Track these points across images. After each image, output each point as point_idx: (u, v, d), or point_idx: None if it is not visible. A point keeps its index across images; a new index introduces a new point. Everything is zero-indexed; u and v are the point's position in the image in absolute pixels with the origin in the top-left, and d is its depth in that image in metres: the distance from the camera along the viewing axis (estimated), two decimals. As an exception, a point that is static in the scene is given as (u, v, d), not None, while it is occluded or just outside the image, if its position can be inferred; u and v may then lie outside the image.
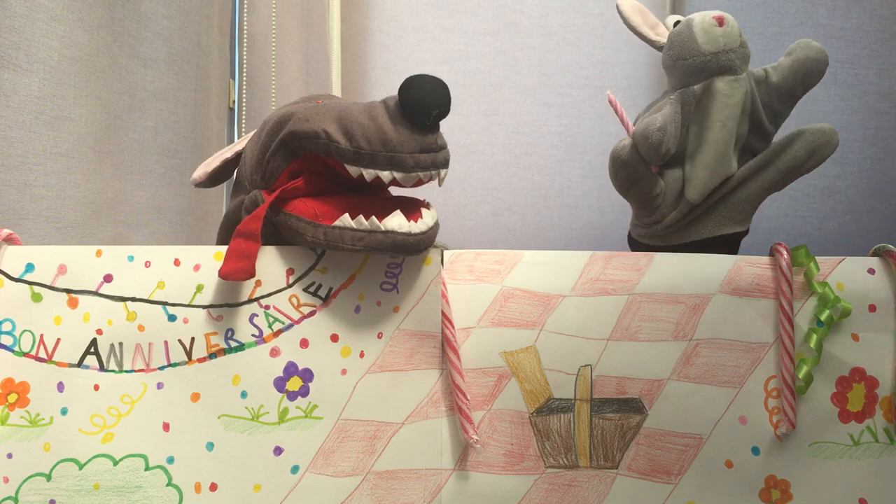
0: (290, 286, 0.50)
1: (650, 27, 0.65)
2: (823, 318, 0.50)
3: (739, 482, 0.50)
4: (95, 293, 0.49)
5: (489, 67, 1.25)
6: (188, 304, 0.49)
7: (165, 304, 0.49)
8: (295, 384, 0.49)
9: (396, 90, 0.47)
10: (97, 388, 0.48)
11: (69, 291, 0.49)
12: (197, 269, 0.50)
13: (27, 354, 0.48)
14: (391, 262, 0.50)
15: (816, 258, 0.51)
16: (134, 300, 0.49)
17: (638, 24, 0.65)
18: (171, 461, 0.48)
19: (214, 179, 0.59)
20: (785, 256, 0.51)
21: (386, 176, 0.47)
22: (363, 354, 0.50)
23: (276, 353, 0.49)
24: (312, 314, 0.50)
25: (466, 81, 1.24)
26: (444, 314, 0.50)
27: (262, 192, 0.50)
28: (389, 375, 0.50)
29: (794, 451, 0.51)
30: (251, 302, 0.50)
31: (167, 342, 0.49)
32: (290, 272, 0.50)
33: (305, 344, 0.50)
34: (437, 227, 0.49)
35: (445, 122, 0.48)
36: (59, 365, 0.48)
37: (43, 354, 0.48)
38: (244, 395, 0.49)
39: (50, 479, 0.48)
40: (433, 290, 0.50)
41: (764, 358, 0.51)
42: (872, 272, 0.52)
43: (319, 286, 0.50)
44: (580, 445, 0.50)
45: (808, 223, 1.21)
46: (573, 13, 1.25)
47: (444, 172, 0.49)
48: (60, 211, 0.65)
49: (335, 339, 0.50)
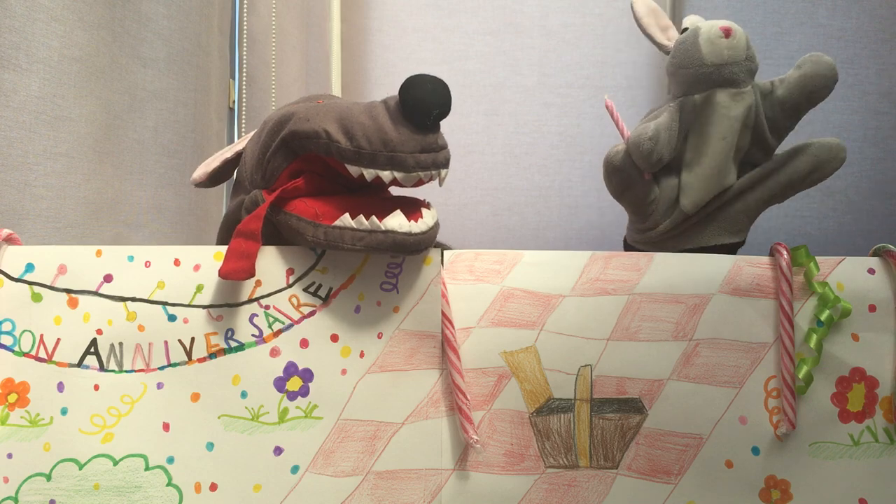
0: (290, 286, 0.50)
1: (661, 29, 0.64)
2: (823, 318, 0.50)
3: (739, 482, 0.50)
4: (95, 293, 0.49)
5: (489, 67, 1.25)
6: (188, 304, 0.49)
7: (165, 304, 0.49)
8: (295, 384, 0.49)
9: (396, 90, 0.47)
10: (97, 388, 0.48)
11: (69, 291, 0.49)
12: (197, 269, 0.50)
13: (27, 354, 0.48)
14: (391, 262, 0.50)
15: (816, 258, 0.51)
16: (134, 300, 0.49)
17: (649, 25, 0.63)
18: (171, 461, 0.48)
19: (214, 179, 0.59)
20: (785, 256, 0.51)
21: (386, 176, 0.47)
22: (363, 354, 0.50)
23: (276, 353, 0.49)
24: (312, 314, 0.50)
25: (466, 81, 1.24)
26: (444, 314, 0.50)
27: (262, 191, 0.50)
28: (389, 375, 0.50)
29: (794, 451, 0.51)
30: (251, 302, 0.50)
31: (167, 342, 0.49)
32: (290, 272, 0.50)
33: (305, 344, 0.50)
34: (437, 227, 0.49)
35: (445, 122, 0.48)
36: (59, 365, 0.48)
37: (43, 354, 0.48)
38: (244, 395, 0.49)
39: (50, 479, 0.48)
40: (433, 290, 0.50)
41: (764, 358, 0.51)
42: (872, 272, 0.52)
43: (319, 286, 0.50)
44: (580, 445, 0.50)
45: (808, 223, 1.22)
46: (573, 13, 1.25)
47: (444, 172, 0.49)
48: (60, 211, 0.65)
49: (335, 339, 0.50)
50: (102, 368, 0.49)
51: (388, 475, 0.49)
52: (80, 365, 0.48)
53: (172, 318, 0.49)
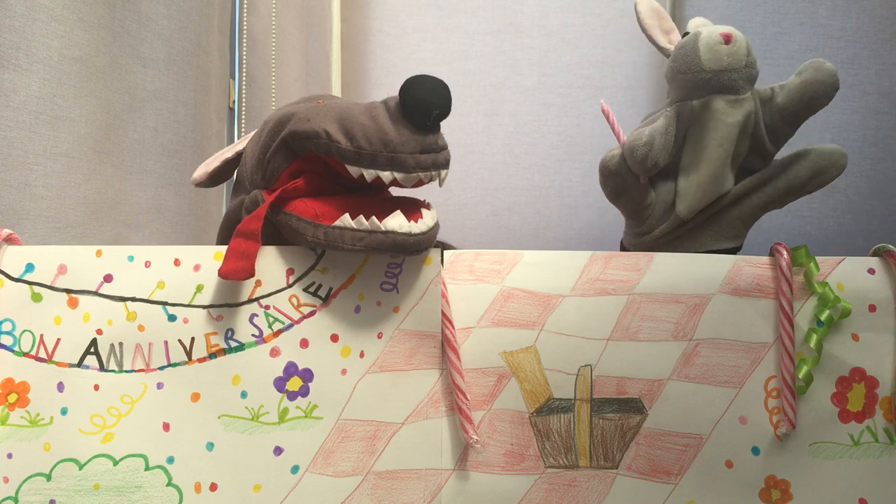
0: (290, 286, 0.50)
1: (664, 32, 0.63)
2: (823, 318, 0.50)
3: (739, 482, 0.50)
4: (95, 293, 0.49)
5: (489, 67, 1.25)
6: (188, 304, 0.49)
7: (165, 304, 0.49)
8: (295, 384, 0.49)
9: (396, 90, 0.47)
10: (97, 388, 0.48)
11: (69, 291, 0.49)
12: (197, 269, 0.50)
13: (27, 354, 0.48)
14: (391, 262, 0.50)
15: (816, 258, 0.51)
16: (134, 300, 0.49)
17: (652, 27, 0.62)
18: (171, 461, 0.48)
19: (215, 179, 0.59)
20: (785, 256, 0.51)
21: (386, 176, 0.47)
22: (363, 354, 0.50)
23: (276, 353, 0.49)
24: (312, 314, 0.50)
25: (466, 81, 1.24)
26: (444, 314, 0.50)
27: (262, 191, 0.50)
28: (389, 375, 0.50)
29: (794, 451, 0.51)
30: (251, 302, 0.50)
31: (167, 342, 0.49)
32: (290, 272, 0.50)
33: (305, 344, 0.50)
34: (437, 227, 0.49)
35: (445, 122, 0.48)
36: (59, 365, 0.48)
37: (43, 354, 0.48)
38: (244, 395, 0.49)
39: (50, 479, 0.48)
40: (433, 290, 0.50)
41: (764, 358, 0.51)
42: (872, 272, 0.52)
43: (319, 286, 0.50)
44: (580, 445, 0.50)
45: (808, 223, 1.22)
46: (573, 13, 1.25)
47: (444, 173, 0.49)
48: (60, 211, 0.65)
49: (335, 339, 0.50)
50: (102, 368, 0.49)
51: (388, 475, 0.49)
52: (80, 365, 0.48)
53: (172, 318, 0.49)
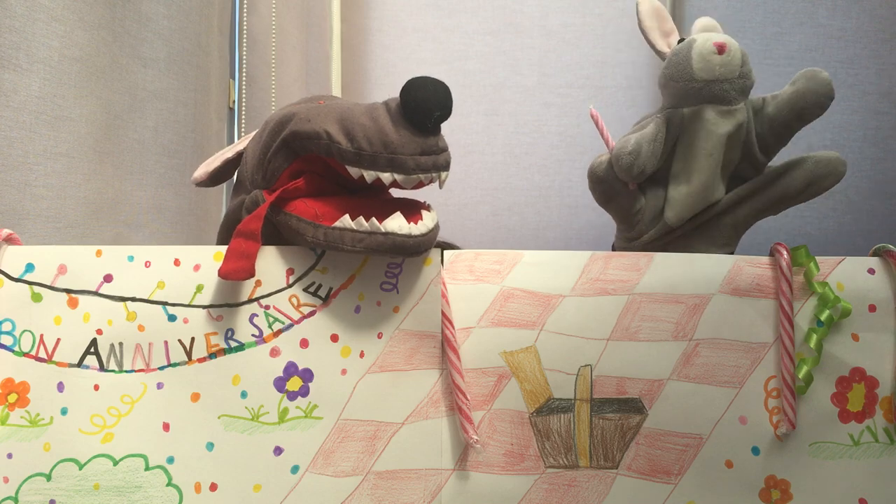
0: (290, 286, 0.50)
1: (664, 34, 0.61)
2: (823, 318, 0.50)
3: (739, 482, 0.50)
4: (95, 293, 0.49)
5: (489, 67, 1.25)
6: (188, 304, 0.49)
7: (165, 304, 0.49)
8: (295, 384, 0.49)
9: (397, 90, 0.47)
10: (97, 388, 0.48)
11: (69, 291, 0.49)
12: (197, 269, 0.50)
13: (27, 354, 0.48)
14: (391, 262, 0.50)
15: (816, 258, 0.51)
16: (134, 300, 0.49)
17: (651, 29, 0.61)
18: (171, 461, 0.48)
19: (215, 179, 0.59)
20: (785, 256, 0.51)
21: (386, 177, 0.47)
22: (363, 354, 0.50)
23: (276, 353, 0.49)
24: (312, 314, 0.50)
25: (466, 81, 1.24)
26: (444, 314, 0.50)
27: (262, 191, 0.50)
28: (389, 375, 0.50)
29: (794, 451, 0.51)
30: (251, 302, 0.50)
31: (167, 342, 0.49)
32: (290, 272, 0.50)
33: (305, 344, 0.50)
34: (437, 229, 0.49)
35: (445, 122, 0.48)
36: (59, 365, 0.48)
37: (43, 354, 0.48)
38: (244, 395, 0.49)
39: (50, 479, 0.48)
40: (433, 290, 0.50)
41: (764, 358, 0.51)
42: (872, 272, 0.52)
43: (319, 286, 0.50)
44: (580, 445, 0.50)
45: (808, 223, 1.22)
46: (573, 13, 1.25)
47: (444, 175, 0.49)
48: (60, 211, 0.65)
49: (335, 339, 0.50)
50: (102, 368, 0.49)
51: (388, 475, 0.49)
52: (80, 365, 0.48)
53: (172, 318, 0.49)
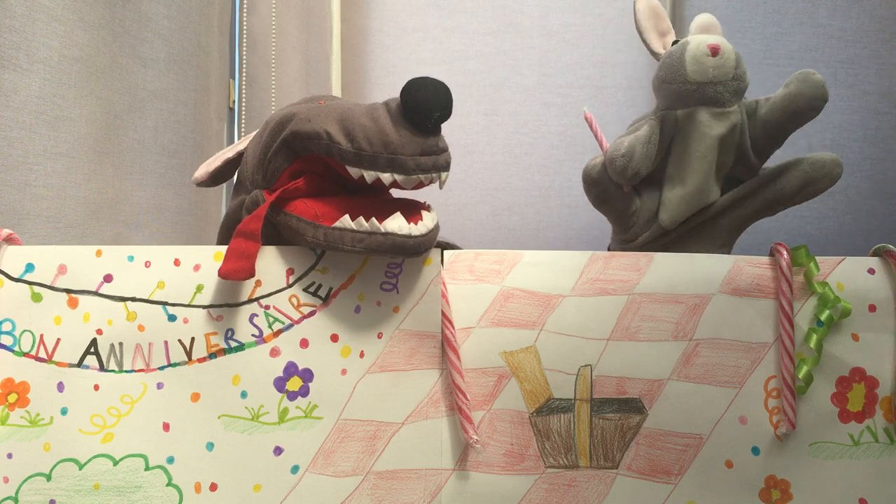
0: (290, 286, 0.50)
1: (659, 34, 0.61)
2: (823, 318, 0.50)
3: (739, 482, 0.50)
4: (95, 293, 0.49)
5: (489, 67, 1.25)
6: (188, 304, 0.49)
7: (165, 304, 0.49)
8: (295, 384, 0.49)
9: (397, 90, 0.47)
10: (97, 388, 0.48)
11: (69, 291, 0.49)
12: (197, 269, 0.50)
13: (27, 354, 0.48)
14: (391, 262, 0.50)
15: (816, 258, 0.51)
16: (134, 300, 0.49)
17: (647, 29, 0.61)
18: (171, 461, 0.48)
19: (216, 179, 0.59)
20: (785, 256, 0.51)
21: (387, 178, 0.47)
22: (363, 354, 0.50)
23: (276, 353, 0.49)
24: (312, 314, 0.50)
25: (466, 81, 1.24)
26: (444, 314, 0.50)
27: (263, 192, 0.50)
28: (389, 375, 0.50)
29: (794, 451, 0.51)
30: (251, 302, 0.50)
31: (167, 342, 0.49)
32: (290, 272, 0.50)
33: (305, 344, 0.50)
34: (437, 229, 0.49)
35: (445, 122, 0.48)
36: (59, 365, 0.48)
37: (43, 354, 0.48)
38: (244, 395, 0.49)
39: (50, 479, 0.48)
40: (433, 290, 0.50)
41: (764, 358, 0.51)
42: (872, 272, 0.52)
43: (319, 286, 0.50)
44: (580, 445, 0.50)
45: (808, 223, 1.22)
46: (573, 13, 1.25)
47: (444, 175, 0.49)
48: (60, 211, 0.65)
49: (335, 339, 0.50)
50: (102, 368, 0.49)
51: (388, 475, 0.49)
52: (80, 365, 0.48)
53: (172, 318, 0.49)
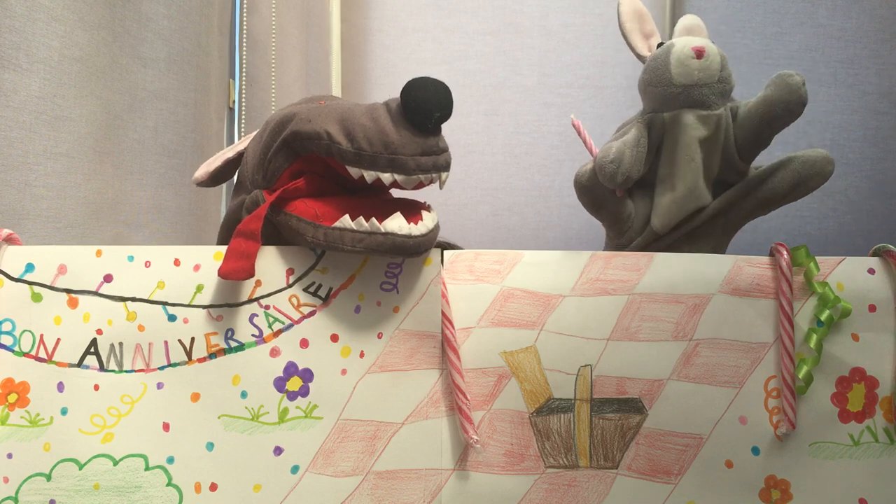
0: (290, 286, 0.50)
1: (644, 36, 0.61)
2: (823, 318, 0.50)
3: (739, 482, 0.50)
4: (95, 293, 0.49)
5: (489, 67, 1.25)
6: (188, 304, 0.49)
7: (165, 304, 0.49)
8: (295, 384, 0.49)
9: (397, 90, 0.47)
10: (97, 388, 0.48)
11: (69, 291, 0.49)
12: (197, 269, 0.50)
13: (27, 354, 0.48)
14: (391, 262, 0.50)
15: (816, 258, 0.51)
16: (134, 300, 0.49)
17: (632, 31, 0.61)
18: (171, 461, 0.48)
19: (216, 179, 0.59)
20: (785, 256, 0.51)
21: (387, 178, 0.47)
22: (363, 354, 0.50)
23: (276, 353, 0.49)
24: (312, 314, 0.50)
25: (466, 81, 1.24)
26: (444, 314, 0.50)
27: (263, 192, 0.50)
28: (389, 375, 0.50)
29: (794, 451, 0.51)
30: (251, 302, 0.50)
31: (167, 342, 0.49)
32: (290, 272, 0.50)
33: (305, 344, 0.50)
34: (437, 229, 0.49)
35: (446, 122, 0.48)
36: (59, 365, 0.48)
37: (43, 354, 0.48)
38: (244, 395, 0.49)
39: (50, 479, 0.48)
40: (433, 290, 0.50)
41: (764, 358, 0.51)
42: (872, 272, 0.52)
43: (319, 286, 0.50)
44: (580, 445, 0.50)
45: (808, 223, 1.22)
46: (573, 13, 1.25)
47: (445, 175, 0.49)
48: (60, 211, 0.65)
49: (335, 339, 0.50)
50: (102, 368, 0.49)
51: (388, 475, 0.49)
52: (80, 365, 0.48)
53: (172, 318, 0.49)
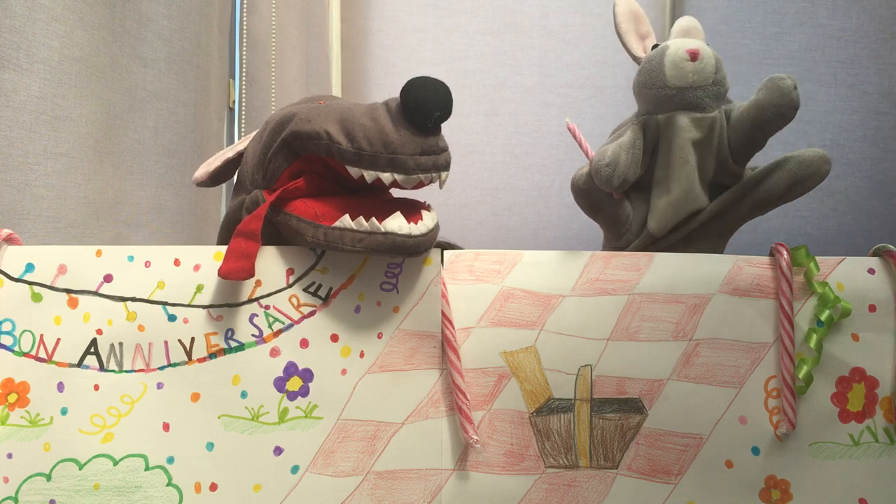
0: (290, 286, 0.50)
1: (639, 37, 0.61)
2: (823, 318, 0.50)
3: (739, 482, 0.50)
4: (95, 293, 0.49)
5: (489, 67, 1.25)
6: (188, 304, 0.49)
7: (165, 304, 0.49)
8: (295, 384, 0.49)
9: (397, 90, 0.47)
10: (97, 388, 0.48)
11: (69, 291, 0.49)
12: (197, 269, 0.50)
13: (27, 354, 0.48)
14: (391, 262, 0.50)
15: (816, 258, 0.51)
16: (134, 300, 0.49)
17: (627, 31, 0.61)
18: (171, 461, 0.48)
19: (216, 179, 0.59)
20: (785, 256, 0.51)
21: (387, 177, 0.47)
22: (363, 354, 0.50)
23: (276, 353, 0.49)
24: (312, 314, 0.50)
25: (466, 81, 1.24)
26: (444, 314, 0.50)
27: (263, 192, 0.50)
28: (389, 375, 0.50)
29: (794, 451, 0.51)
30: (251, 302, 0.50)
31: (167, 342, 0.49)
32: (290, 272, 0.50)
33: (305, 344, 0.50)
34: (437, 229, 0.49)
35: (445, 122, 0.48)
36: (59, 365, 0.48)
37: (43, 354, 0.48)
38: (244, 395, 0.49)
39: (50, 479, 0.48)
40: (433, 290, 0.50)
41: (764, 358, 0.51)
42: (872, 272, 0.52)
43: (319, 286, 0.50)
44: (580, 445, 0.50)
45: (808, 223, 1.22)
46: (573, 13, 1.25)
47: (444, 175, 0.49)
48: (60, 211, 0.65)
49: (335, 339, 0.50)
50: (102, 368, 0.49)
51: (388, 475, 0.49)
52: (80, 365, 0.48)
53: (172, 318, 0.49)
